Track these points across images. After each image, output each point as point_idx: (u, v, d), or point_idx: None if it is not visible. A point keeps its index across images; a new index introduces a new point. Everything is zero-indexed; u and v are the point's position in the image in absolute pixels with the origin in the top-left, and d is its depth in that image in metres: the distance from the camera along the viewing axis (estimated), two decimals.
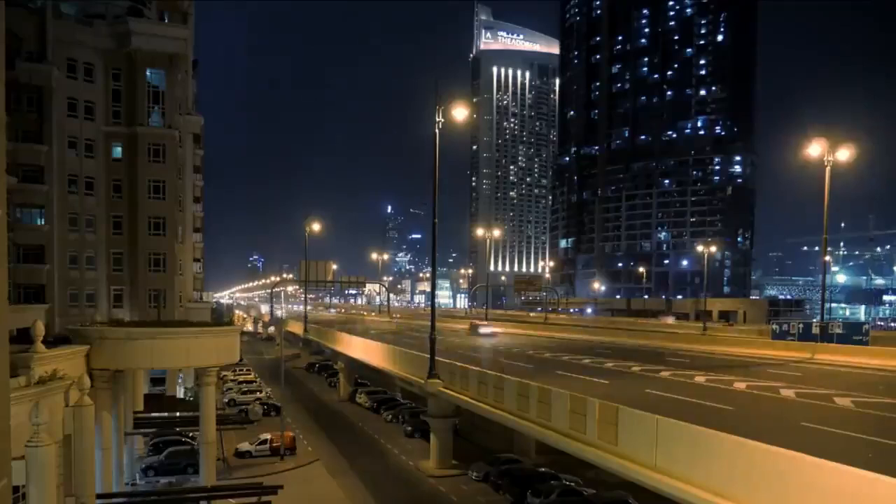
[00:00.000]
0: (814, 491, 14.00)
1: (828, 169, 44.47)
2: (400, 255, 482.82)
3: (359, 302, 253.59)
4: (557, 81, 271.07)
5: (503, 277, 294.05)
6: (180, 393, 55.98)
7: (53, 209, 46.12)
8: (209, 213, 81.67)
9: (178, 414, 43.47)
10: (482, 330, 73.48)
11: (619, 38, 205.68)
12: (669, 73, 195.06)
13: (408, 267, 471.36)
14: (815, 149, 44.68)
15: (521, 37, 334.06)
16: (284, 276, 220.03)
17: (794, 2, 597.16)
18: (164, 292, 49.28)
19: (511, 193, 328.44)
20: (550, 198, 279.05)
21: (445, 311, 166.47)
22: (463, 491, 37.54)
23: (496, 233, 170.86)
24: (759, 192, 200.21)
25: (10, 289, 23.74)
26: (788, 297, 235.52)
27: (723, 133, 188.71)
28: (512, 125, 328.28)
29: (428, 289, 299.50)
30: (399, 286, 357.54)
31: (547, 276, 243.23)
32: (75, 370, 24.91)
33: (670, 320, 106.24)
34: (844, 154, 44.45)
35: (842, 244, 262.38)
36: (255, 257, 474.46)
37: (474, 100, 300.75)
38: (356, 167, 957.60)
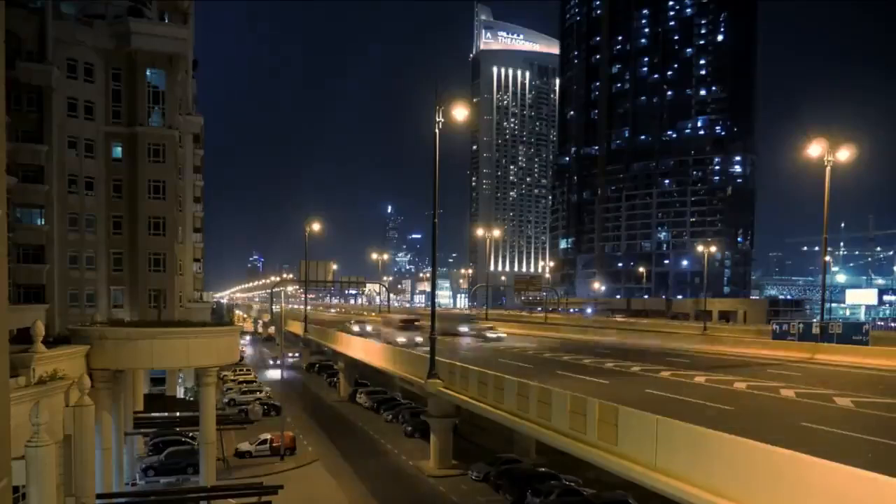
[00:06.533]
0: (813, 490, 14.00)
1: (828, 169, 44.45)
2: (400, 255, 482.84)
3: (359, 302, 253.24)
4: (557, 81, 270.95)
5: (503, 277, 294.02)
6: (180, 393, 55.99)
7: (53, 209, 46.12)
8: (209, 213, 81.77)
9: (178, 414, 43.50)
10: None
11: (619, 38, 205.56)
12: (669, 73, 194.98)
13: (408, 267, 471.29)
14: (815, 149, 44.64)
15: (521, 37, 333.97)
16: (284, 276, 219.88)
17: (794, 2, 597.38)
18: (164, 292, 49.26)
19: (511, 193, 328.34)
20: (550, 198, 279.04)
21: (445, 311, 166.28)
22: (463, 491, 37.55)
23: (496, 233, 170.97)
24: (759, 192, 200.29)
25: (10, 289, 23.74)
26: (788, 297, 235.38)
27: (723, 133, 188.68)
28: (512, 125, 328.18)
29: (428, 289, 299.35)
30: (399, 286, 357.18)
31: (547, 276, 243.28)
32: (75, 370, 24.92)
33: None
34: (844, 154, 44.43)
35: (842, 244, 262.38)
36: (255, 257, 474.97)
37: (474, 100, 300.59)
38: (356, 167, 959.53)
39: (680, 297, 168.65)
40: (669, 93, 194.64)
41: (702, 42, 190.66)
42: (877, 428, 21.55)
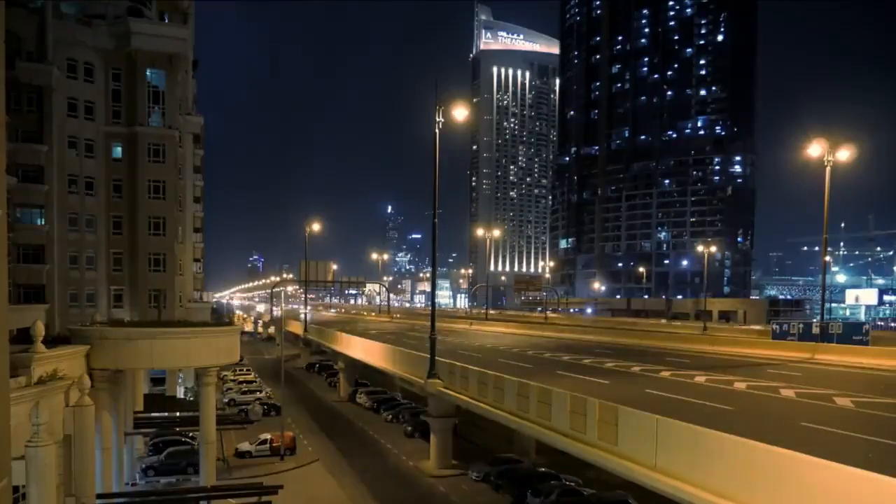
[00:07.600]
0: (813, 490, 14.00)
1: (828, 169, 44.43)
2: (400, 255, 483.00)
3: (359, 302, 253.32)
4: (557, 81, 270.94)
5: (503, 277, 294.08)
6: (180, 393, 55.99)
7: (53, 209, 46.12)
8: (209, 213, 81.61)
9: (178, 414, 43.49)
10: None
11: (619, 38, 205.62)
12: (669, 73, 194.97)
13: (408, 267, 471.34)
14: (815, 149, 44.61)
15: (521, 37, 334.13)
16: (284, 276, 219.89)
17: (794, 2, 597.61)
18: (164, 292, 49.26)
19: (511, 193, 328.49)
20: (550, 198, 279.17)
21: (445, 311, 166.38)
22: (463, 491, 37.55)
23: (496, 233, 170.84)
24: (759, 192, 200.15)
25: (10, 289, 23.73)
26: (788, 297, 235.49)
27: (723, 133, 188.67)
28: (512, 125, 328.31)
29: (428, 289, 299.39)
30: (399, 286, 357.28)
31: (547, 276, 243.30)
32: (75, 370, 24.90)
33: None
34: (844, 154, 44.40)
35: (842, 244, 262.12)
36: (255, 257, 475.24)
37: (474, 100, 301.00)
38: (356, 167, 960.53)
39: (680, 297, 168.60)
40: (669, 93, 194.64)
41: (702, 42, 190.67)
42: (877, 428, 21.54)
